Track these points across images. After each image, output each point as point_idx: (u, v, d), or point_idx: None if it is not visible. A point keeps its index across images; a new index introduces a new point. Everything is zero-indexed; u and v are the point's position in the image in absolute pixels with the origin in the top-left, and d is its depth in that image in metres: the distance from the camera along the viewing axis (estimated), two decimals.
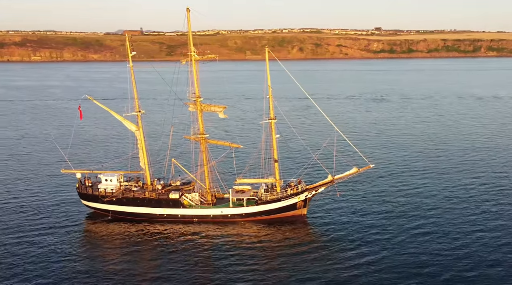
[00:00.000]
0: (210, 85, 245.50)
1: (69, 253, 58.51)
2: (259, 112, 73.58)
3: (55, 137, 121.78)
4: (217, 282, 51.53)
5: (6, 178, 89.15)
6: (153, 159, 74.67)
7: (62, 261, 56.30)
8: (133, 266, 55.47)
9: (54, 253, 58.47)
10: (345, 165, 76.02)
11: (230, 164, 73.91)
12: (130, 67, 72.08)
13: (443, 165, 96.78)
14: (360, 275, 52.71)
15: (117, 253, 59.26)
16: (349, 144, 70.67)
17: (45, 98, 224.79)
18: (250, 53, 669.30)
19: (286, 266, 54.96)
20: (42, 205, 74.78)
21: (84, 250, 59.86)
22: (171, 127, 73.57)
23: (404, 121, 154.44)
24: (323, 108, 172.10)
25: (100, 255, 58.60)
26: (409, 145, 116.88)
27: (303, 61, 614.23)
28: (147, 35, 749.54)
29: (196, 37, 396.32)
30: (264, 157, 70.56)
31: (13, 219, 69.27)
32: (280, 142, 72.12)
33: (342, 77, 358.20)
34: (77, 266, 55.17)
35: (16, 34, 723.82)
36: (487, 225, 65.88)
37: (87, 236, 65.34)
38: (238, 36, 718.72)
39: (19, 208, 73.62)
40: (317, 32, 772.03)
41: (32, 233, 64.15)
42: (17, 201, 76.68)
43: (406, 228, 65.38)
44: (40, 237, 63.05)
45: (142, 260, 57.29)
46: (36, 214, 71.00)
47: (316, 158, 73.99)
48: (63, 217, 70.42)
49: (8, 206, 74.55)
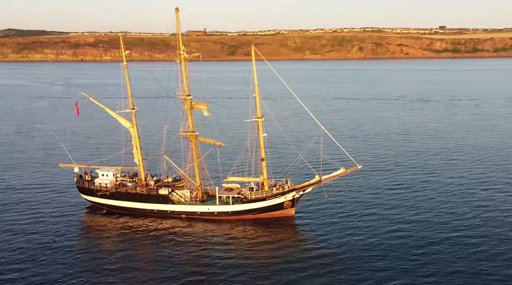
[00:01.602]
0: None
1: (65, 245, 59.60)
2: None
3: (57, 132, 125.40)
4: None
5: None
6: (147, 155, 75.02)
7: (55, 252, 57.30)
8: (115, 259, 55.95)
9: (50, 243, 59.69)
10: (333, 166, 73.62)
11: (218, 162, 73.13)
12: (124, 66, 72.64)
13: (439, 166, 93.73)
14: (346, 275, 51.01)
15: (107, 245, 60.15)
16: (339, 145, 67.91)
17: (100, 96, 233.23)
18: (309, 53, 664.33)
19: (269, 266, 53.54)
20: (42, 197, 77.38)
21: (75, 242, 60.95)
22: (165, 125, 73.75)
23: (413, 122, 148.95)
24: (360, 109, 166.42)
25: (90, 247, 59.67)
26: (404, 146, 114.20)
27: (362, 61, 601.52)
28: (210, 35, 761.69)
29: (257, 37, 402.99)
30: (250, 155, 69.15)
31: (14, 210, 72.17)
32: (268, 141, 70.50)
33: (397, 77, 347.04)
34: (67, 258, 56.18)
35: (90, 35, 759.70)
36: (479, 227, 62.74)
37: (81, 228, 66.68)
38: (298, 36, 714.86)
39: (24, 199, 76.63)
40: (378, 31, 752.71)
41: (29, 225, 65.94)
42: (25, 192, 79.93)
43: (394, 229, 62.72)
44: (38, 228, 64.61)
45: (123, 254, 57.52)
46: (36, 206, 73.46)
47: (302, 157, 71.59)
48: (62, 209, 72.34)
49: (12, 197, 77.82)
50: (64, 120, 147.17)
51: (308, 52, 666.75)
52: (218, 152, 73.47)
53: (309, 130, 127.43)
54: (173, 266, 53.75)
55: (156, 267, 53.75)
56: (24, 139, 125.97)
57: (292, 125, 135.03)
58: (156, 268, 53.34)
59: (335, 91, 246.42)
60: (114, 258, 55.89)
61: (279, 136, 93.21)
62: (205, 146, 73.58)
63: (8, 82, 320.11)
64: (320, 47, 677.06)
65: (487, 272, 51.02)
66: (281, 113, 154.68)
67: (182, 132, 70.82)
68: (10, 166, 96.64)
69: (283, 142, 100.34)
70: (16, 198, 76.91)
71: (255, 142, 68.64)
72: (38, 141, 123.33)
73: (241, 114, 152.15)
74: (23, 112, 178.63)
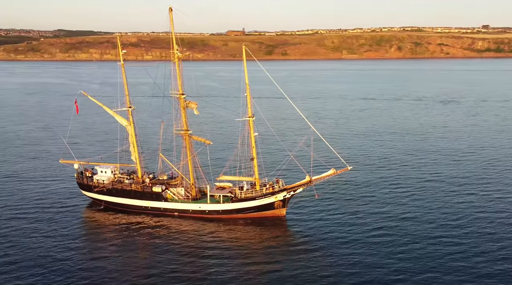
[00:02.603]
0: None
1: (64, 236, 61.37)
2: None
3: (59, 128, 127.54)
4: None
5: None
6: (143, 153, 75.44)
7: (54, 246, 58.88)
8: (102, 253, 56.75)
9: (48, 237, 61.24)
10: (326, 166, 72.22)
11: (212, 160, 72.86)
12: (122, 65, 73.22)
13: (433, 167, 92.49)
14: (337, 276, 50.43)
15: (101, 239, 61.45)
16: (329, 146, 66.38)
17: (133, 94, 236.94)
18: (347, 53, 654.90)
19: (256, 266, 53.22)
20: (43, 191, 79.21)
21: (71, 234, 62.53)
22: (161, 123, 73.96)
23: (426, 122, 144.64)
24: (380, 109, 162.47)
25: (80, 239, 61.31)
26: (405, 146, 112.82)
27: (400, 61, 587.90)
28: (249, 35, 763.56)
29: (295, 37, 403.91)
30: (240, 154, 68.42)
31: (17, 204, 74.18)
32: (261, 141, 69.56)
33: (432, 77, 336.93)
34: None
35: (133, 35, 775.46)
36: (472, 229, 61.93)
37: (78, 222, 67.89)
38: (336, 35, 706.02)
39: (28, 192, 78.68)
40: (418, 30, 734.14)
41: (30, 220, 67.68)
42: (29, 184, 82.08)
43: (387, 229, 62.05)
44: (37, 223, 66.08)
45: (110, 249, 58.37)
46: (37, 200, 75.25)
47: (292, 157, 70.30)
48: (61, 204, 73.82)
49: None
50: (86, 117, 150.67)
51: (346, 51, 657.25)
52: (208, 151, 73.14)
53: (307, 130, 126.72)
54: (155, 264, 53.95)
55: (139, 266, 53.92)
56: (33, 133, 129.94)
57: (283, 125, 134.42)
58: (139, 267, 53.49)
59: (362, 91, 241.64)
60: (101, 252, 56.68)
61: (270, 135, 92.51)
62: (196, 144, 73.39)
63: (50, 80, 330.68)
64: (357, 46, 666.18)
65: (482, 270, 51.18)
66: (278, 114, 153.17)
67: (175, 130, 70.87)
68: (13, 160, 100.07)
69: (274, 141, 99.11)
70: (16, 189, 79.65)
71: (246, 141, 67.92)
72: (41, 135, 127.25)
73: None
74: (53, 109, 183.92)
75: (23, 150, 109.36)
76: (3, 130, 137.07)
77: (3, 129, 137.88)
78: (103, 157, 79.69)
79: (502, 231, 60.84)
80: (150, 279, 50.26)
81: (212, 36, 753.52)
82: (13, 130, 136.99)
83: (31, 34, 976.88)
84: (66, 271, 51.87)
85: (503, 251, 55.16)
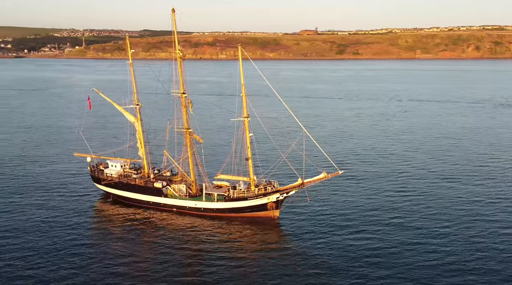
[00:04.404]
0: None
1: (72, 226, 63.78)
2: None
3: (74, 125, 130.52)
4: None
5: None
6: (150, 149, 76.32)
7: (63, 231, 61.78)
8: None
9: (60, 225, 63.96)
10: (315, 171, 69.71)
11: (209, 158, 72.13)
12: (130, 64, 74.38)
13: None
14: (330, 278, 49.10)
15: (99, 228, 63.58)
16: (320, 149, 63.45)
17: (192, 92, 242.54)
18: (421, 52, 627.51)
19: (244, 266, 52.37)
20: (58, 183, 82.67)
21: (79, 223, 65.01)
22: (167, 121, 74.35)
23: (461, 126, 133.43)
24: (424, 111, 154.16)
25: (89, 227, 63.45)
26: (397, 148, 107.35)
27: (477, 61, 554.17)
28: (321, 34, 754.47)
29: (367, 36, 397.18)
30: (234, 155, 67.19)
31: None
32: (258, 141, 67.94)
33: (504, 79, 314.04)
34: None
35: (209, 35, 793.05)
36: (467, 230, 59.95)
37: (89, 212, 70.20)
38: (410, 35, 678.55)
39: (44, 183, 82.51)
40: (499, 29, 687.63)
41: (44, 210, 70.94)
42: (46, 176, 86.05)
43: (380, 233, 59.72)
44: (52, 211, 69.09)
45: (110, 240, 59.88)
46: (52, 191, 78.70)
47: (285, 158, 67.81)
48: (75, 195, 76.68)
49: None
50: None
51: (420, 51, 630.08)
52: (203, 150, 72.57)
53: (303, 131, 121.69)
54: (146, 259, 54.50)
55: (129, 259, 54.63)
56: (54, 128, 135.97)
57: (278, 125, 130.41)
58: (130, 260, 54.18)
59: (417, 92, 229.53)
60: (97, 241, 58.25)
61: (265, 136, 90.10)
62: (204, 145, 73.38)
63: (121, 77, 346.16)
64: (433, 46, 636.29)
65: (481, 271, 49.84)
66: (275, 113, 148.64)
67: (176, 128, 70.98)
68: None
69: (268, 142, 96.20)
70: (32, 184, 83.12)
71: (240, 141, 66.64)
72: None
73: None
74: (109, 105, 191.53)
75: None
76: (63, 124, 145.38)
77: (62, 123, 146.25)
78: (116, 152, 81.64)
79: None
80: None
81: (284, 36, 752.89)
82: (64, 124, 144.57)
83: (119, 34, 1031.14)
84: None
85: None
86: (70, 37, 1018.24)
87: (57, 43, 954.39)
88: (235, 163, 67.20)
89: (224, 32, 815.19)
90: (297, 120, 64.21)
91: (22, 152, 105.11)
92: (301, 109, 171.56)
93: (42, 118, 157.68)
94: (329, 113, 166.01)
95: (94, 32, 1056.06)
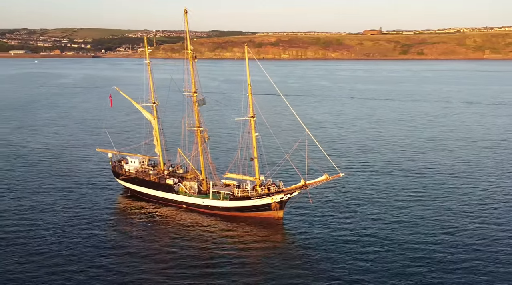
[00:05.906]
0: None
1: (89, 220, 65.07)
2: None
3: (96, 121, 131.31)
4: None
5: None
6: (165, 146, 76.81)
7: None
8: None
9: (79, 218, 65.56)
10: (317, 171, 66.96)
11: (216, 156, 71.24)
12: (148, 63, 75.18)
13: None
14: (332, 278, 48.01)
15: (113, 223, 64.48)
16: (322, 150, 60.93)
17: (236, 92, 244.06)
18: (489, 52, 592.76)
19: (245, 265, 51.61)
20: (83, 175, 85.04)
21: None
22: (182, 120, 74.51)
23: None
24: (470, 114, 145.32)
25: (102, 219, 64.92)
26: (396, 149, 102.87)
27: None
28: (385, 34, 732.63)
29: (433, 35, 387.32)
30: (239, 154, 66.06)
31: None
32: (263, 141, 66.41)
33: None
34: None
35: (273, 35, 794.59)
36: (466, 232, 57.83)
37: (108, 205, 71.59)
38: (479, 34, 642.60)
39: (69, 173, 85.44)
40: None
41: (67, 199, 73.78)
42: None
43: (382, 235, 57.57)
44: (73, 202, 71.57)
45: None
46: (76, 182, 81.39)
47: (288, 158, 65.69)
48: (97, 188, 78.84)
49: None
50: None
51: (488, 51, 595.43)
52: (209, 148, 71.80)
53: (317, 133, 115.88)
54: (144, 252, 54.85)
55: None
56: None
57: (282, 127, 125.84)
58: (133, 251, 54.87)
59: (471, 94, 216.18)
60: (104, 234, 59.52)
61: (269, 136, 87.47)
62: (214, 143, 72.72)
63: (181, 76, 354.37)
64: (503, 46, 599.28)
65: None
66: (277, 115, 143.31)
67: (188, 126, 70.96)
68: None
69: (273, 142, 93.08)
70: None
71: (246, 140, 65.44)
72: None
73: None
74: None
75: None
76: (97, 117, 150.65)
77: (98, 117, 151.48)
78: (136, 148, 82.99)
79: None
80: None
81: (348, 35, 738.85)
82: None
83: (190, 35, 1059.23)
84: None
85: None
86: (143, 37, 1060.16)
87: (131, 43, 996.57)
88: (240, 163, 66.22)
89: (288, 32, 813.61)
90: (300, 121, 62.11)
91: (64, 144, 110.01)
92: (342, 109, 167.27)
93: (82, 113, 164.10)
94: (365, 113, 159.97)
95: (165, 33, 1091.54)
